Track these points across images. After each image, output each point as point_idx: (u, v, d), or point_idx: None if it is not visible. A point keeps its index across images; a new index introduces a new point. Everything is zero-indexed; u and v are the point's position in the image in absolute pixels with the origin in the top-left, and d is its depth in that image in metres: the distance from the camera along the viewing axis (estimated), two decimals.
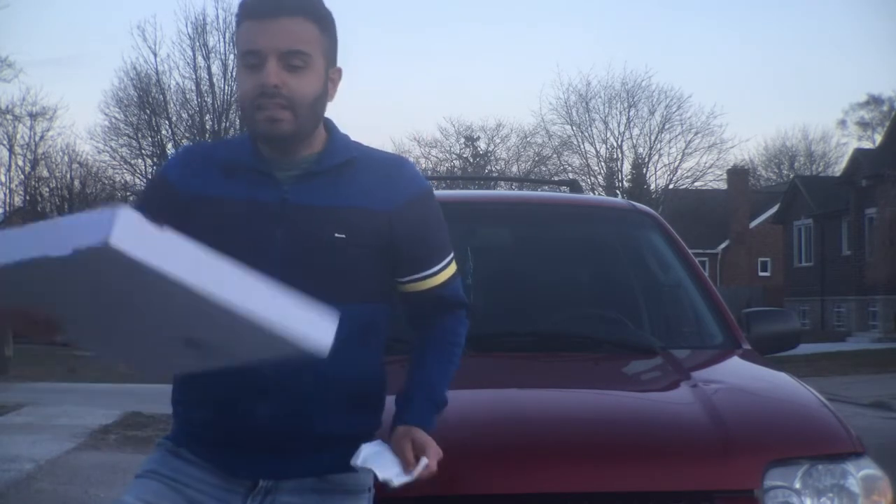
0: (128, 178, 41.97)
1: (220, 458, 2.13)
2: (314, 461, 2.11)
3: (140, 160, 41.05)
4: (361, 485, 2.16)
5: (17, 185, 41.16)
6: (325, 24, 2.10)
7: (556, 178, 38.12)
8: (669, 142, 45.59)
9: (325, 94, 2.11)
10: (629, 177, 45.11)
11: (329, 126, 2.20)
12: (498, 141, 47.56)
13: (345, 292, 2.06)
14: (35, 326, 1.76)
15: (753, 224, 44.49)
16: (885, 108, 49.68)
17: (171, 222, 2.14)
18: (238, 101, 2.13)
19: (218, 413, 2.11)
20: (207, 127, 37.31)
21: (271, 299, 1.70)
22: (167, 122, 38.84)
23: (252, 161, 2.13)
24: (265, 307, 1.68)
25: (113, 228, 1.51)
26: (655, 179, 45.80)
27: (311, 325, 1.75)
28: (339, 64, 2.19)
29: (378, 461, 2.05)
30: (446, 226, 2.25)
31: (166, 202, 2.14)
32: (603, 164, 45.56)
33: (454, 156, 47.43)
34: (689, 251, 3.85)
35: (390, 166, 2.17)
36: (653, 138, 44.93)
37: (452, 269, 2.25)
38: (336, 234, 2.07)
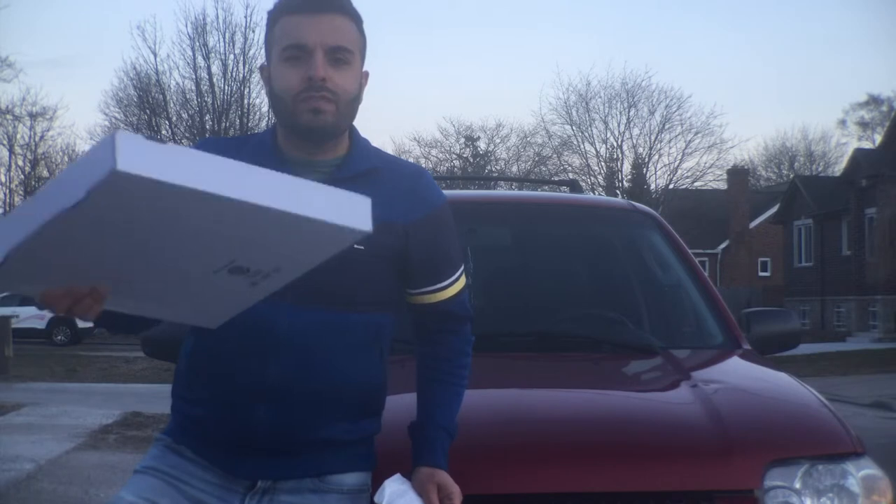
0: None
1: (219, 457, 2.13)
2: (313, 463, 2.12)
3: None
4: (360, 486, 2.17)
5: (17, 185, 41.17)
6: (361, 25, 2.15)
7: (556, 178, 38.13)
8: (669, 142, 45.67)
9: (360, 94, 2.15)
10: (629, 177, 45.12)
11: (351, 130, 2.21)
12: (498, 141, 47.62)
13: (358, 301, 2.10)
14: (81, 303, 1.68)
15: (753, 224, 44.51)
16: (884, 108, 49.72)
17: None
18: (277, 94, 2.10)
19: (218, 413, 2.11)
20: (207, 127, 37.29)
21: (303, 192, 1.61)
22: (167, 122, 38.83)
23: (274, 162, 2.09)
24: (299, 202, 1.59)
25: (117, 154, 1.42)
26: (655, 179, 45.83)
27: (349, 209, 1.67)
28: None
29: (402, 502, 2.08)
30: (458, 242, 2.26)
31: None
32: (603, 164, 45.59)
33: (454, 156, 47.46)
34: (689, 251, 3.85)
35: (411, 178, 2.18)
36: (653, 138, 44.97)
37: (462, 282, 2.25)
38: (355, 246, 2.01)
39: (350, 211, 1.67)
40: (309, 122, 2.07)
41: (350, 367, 2.10)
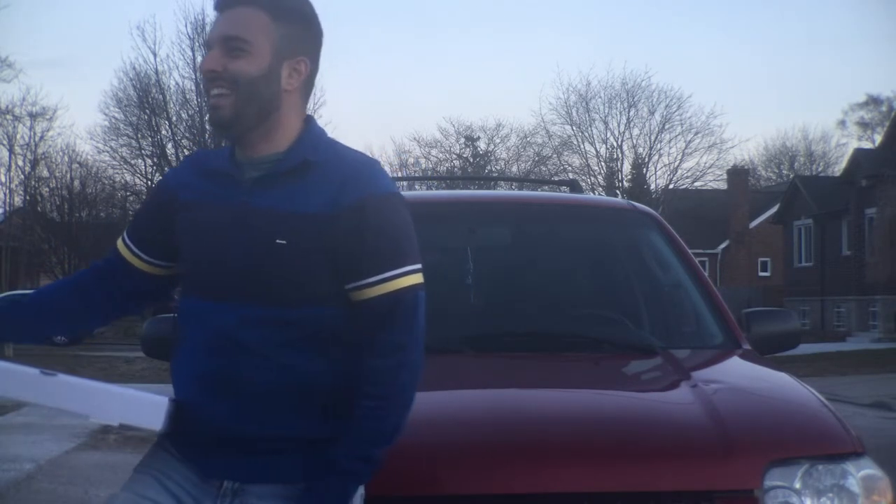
0: (128, 178, 41.99)
1: (191, 455, 2.16)
2: (276, 466, 2.10)
3: (140, 160, 41.06)
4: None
5: (17, 185, 41.18)
6: (282, 13, 2.14)
7: (556, 178, 38.12)
8: (669, 142, 45.61)
9: (270, 80, 2.12)
10: (629, 177, 45.10)
11: (306, 124, 2.21)
12: (498, 141, 47.59)
13: (292, 297, 2.08)
14: None
15: (753, 224, 44.49)
16: (884, 108, 49.72)
17: (161, 224, 2.24)
18: None
19: (185, 410, 2.14)
20: (207, 127, 37.27)
21: (98, 398, 2.09)
22: (167, 122, 38.84)
23: (226, 164, 2.18)
24: (93, 406, 2.08)
25: None
26: (655, 179, 45.82)
27: (142, 412, 2.09)
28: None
29: None
30: (408, 237, 2.13)
31: (162, 208, 2.26)
32: (603, 164, 45.58)
33: (454, 156, 47.45)
34: (689, 251, 3.85)
35: (350, 169, 2.12)
36: (653, 138, 44.95)
37: (399, 284, 2.09)
38: (277, 241, 2.07)
39: (143, 413, 2.08)
40: (211, 119, 2.15)
41: (289, 362, 2.08)
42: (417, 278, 2.12)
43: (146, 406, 2.10)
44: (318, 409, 2.11)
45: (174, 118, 38.89)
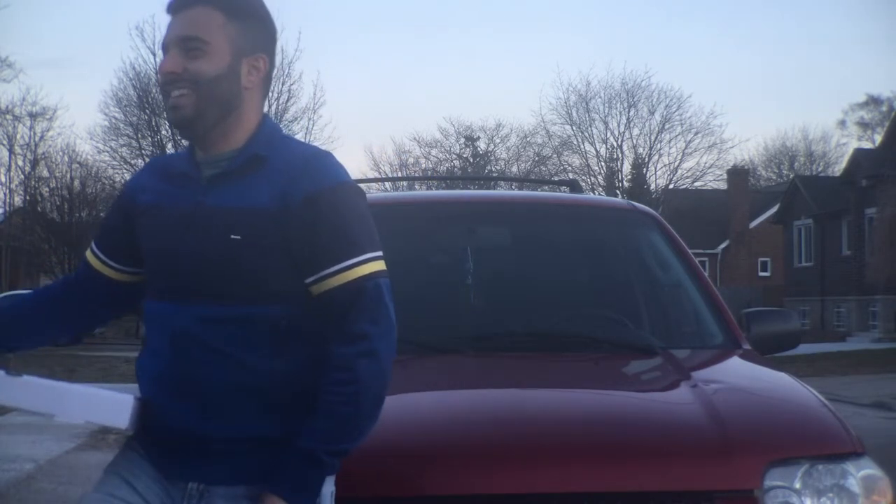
0: (128, 178, 41.90)
1: (155, 455, 2.16)
2: (240, 467, 2.08)
3: (140, 160, 40.98)
4: None
5: (17, 185, 41.16)
6: (235, 11, 2.14)
7: (556, 178, 38.10)
8: (669, 142, 45.60)
9: (230, 78, 2.13)
10: (629, 177, 45.10)
11: (262, 122, 2.20)
12: (498, 141, 47.59)
13: (249, 294, 2.07)
14: None
15: (753, 224, 44.48)
16: (884, 108, 49.69)
17: (126, 230, 2.25)
18: None
19: (148, 410, 2.14)
20: None
21: (64, 398, 2.14)
22: (167, 122, 38.80)
23: (184, 165, 2.19)
24: (59, 406, 2.14)
25: None
26: (655, 179, 45.82)
27: (107, 410, 2.13)
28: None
29: None
30: (363, 225, 2.11)
31: (124, 214, 2.28)
32: (603, 164, 45.57)
33: (454, 156, 47.45)
34: (689, 251, 3.85)
35: (301, 161, 2.11)
36: (653, 138, 44.95)
37: (358, 273, 2.07)
38: (232, 236, 2.07)
39: (108, 411, 2.13)
40: (171, 119, 2.15)
41: (250, 361, 2.06)
42: (378, 265, 2.10)
43: (110, 404, 2.12)
44: (281, 408, 2.08)
45: None
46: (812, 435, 2.54)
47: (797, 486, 2.39)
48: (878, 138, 38.89)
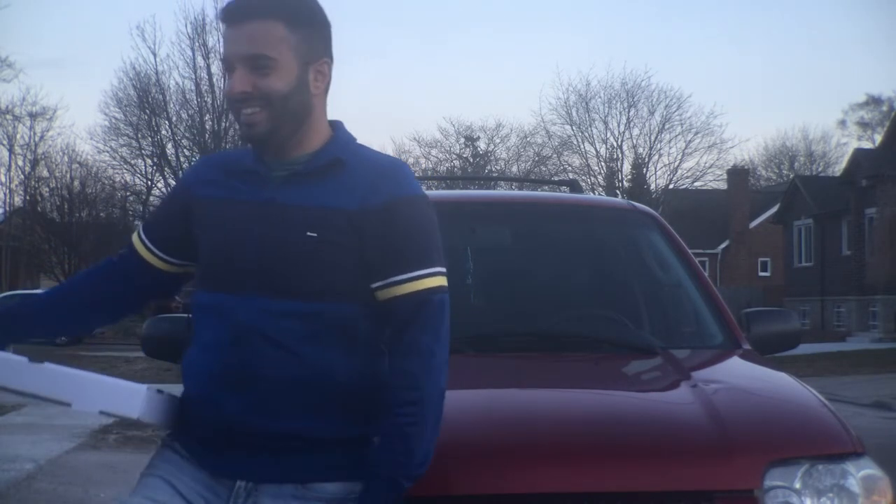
0: (128, 178, 41.95)
1: (202, 454, 2.14)
2: (291, 466, 2.08)
3: (140, 160, 41.04)
4: (344, 494, 2.11)
5: (17, 185, 41.18)
6: (296, 19, 2.12)
7: (556, 178, 38.10)
8: (669, 142, 45.63)
9: (301, 90, 2.13)
10: (629, 177, 45.11)
11: (335, 127, 2.22)
12: (498, 141, 47.62)
13: (315, 291, 2.08)
14: None
15: (753, 224, 44.50)
16: (884, 108, 49.75)
17: (182, 223, 2.24)
18: None
19: (197, 407, 2.14)
20: (207, 127, 37.31)
21: (77, 384, 2.14)
22: (167, 122, 38.85)
23: (251, 163, 2.19)
24: (72, 393, 2.13)
25: None
26: (655, 179, 45.83)
27: (120, 399, 2.13)
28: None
29: None
30: (434, 239, 2.18)
31: (181, 206, 2.27)
32: (603, 164, 45.59)
33: (454, 156, 47.46)
34: (689, 251, 3.85)
35: (379, 169, 2.15)
36: (653, 138, 44.97)
37: (425, 284, 2.12)
38: (308, 234, 2.08)
39: (121, 400, 2.12)
40: (246, 135, 2.14)
41: (310, 356, 2.07)
42: (443, 280, 2.16)
43: (124, 393, 2.13)
44: (336, 407, 2.09)
45: (174, 118, 38.90)
46: (812, 435, 2.54)
47: (797, 486, 2.39)
48: (878, 138, 38.90)
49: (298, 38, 2.12)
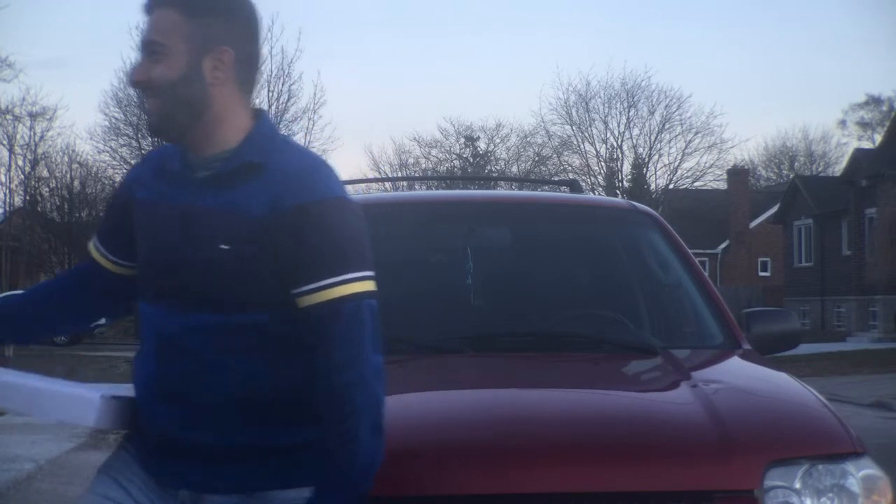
0: None
1: (146, 460, 2.13)
2: (234, 476, 2.05)
3: (140, 160, 40.93)
4: (293, 500, 2.05)
5: (17, 185, 41.17)
6: (192, 7, 2.06)
7: (556, 178, 38.09)
8: (669, 142, 45.61)
9: (193, 78, 2.05)
10: (629, 177, 45.11)
11: (257, 120, 2.14)
12: (498, 141, 47.62)
13: (235, 303, 2.03)
14: None
15: (753, 224, 44.50)
16: (884, 108, 49.75)
17: (126, 224, 2.21)
18: None
19: (140, 414, 2.12)
20: None
21: (34, 396, 2.14)
22: None
23: (178, 163, 2.14)
24: (28, 404, 2.15)
25: None
26: (655, 179, 45.83)
27: (74, 409, 2.11)
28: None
29: None
30: (352, 244, 2.04)
31: (122, 206, 2.24)
32: (603, 164, 45.58)
33: (454, 156, 47.46)
34: (689, 251, 3.85)
35: (294, 171, 2.05)
36: (653, 138, 44.96)
37: (337, 293, 2.00)
38: (221, 245, 2.02)
39: (76, 410, 2.10)
40: (147, 125, 2.16)
41: (237, 369, 2.03)
42: (362, 286, 2.02)
43: (77, 403, 2.11)
44: (269, 416, 2.05)
45: None
46: (812, 435, 2.54)
47: (797, 486, 2.39)
48: (878, 138, 38.92)
49: (194, 26, 2.05)
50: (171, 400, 2.06)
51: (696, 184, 46.50)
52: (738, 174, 44.51)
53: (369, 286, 2.04)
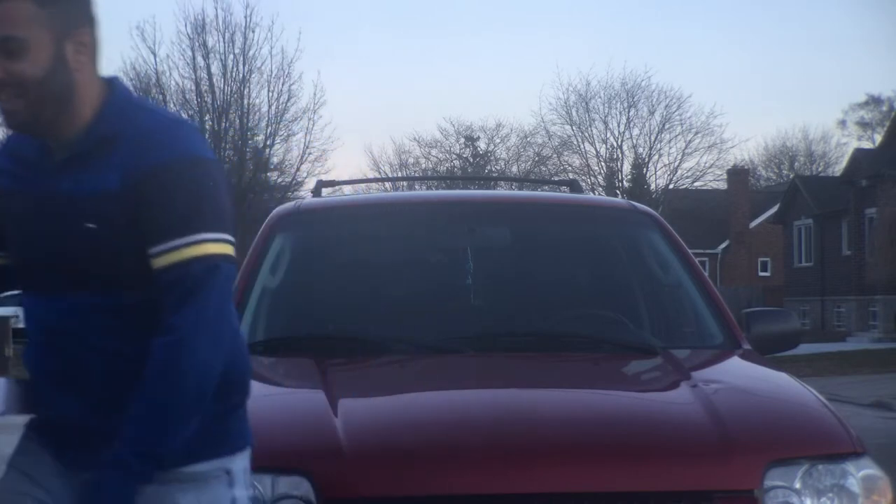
0: None
1: (47, 444, 2.10)
2: None
3: None
4: (202, 474, 2.01)
5: None
6: None
7: (556, 178, 38.10)
8: (669, 142, 45.57)
9: (60, 70, 1.96)
10: (629, 177, 45.09)
11: (109, 93, 2.05)
12: (498, 141, 47.61)
13: (109, 282, 1.97)
14: None
15: (753, 224, 44.49)
16: (884, 108, 49.77)
17: None
18: None
19: (41, 401, 2.09)
20: (207, 127, 37.30)
21: None
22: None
23: (35, 148, 2.05)
24: None
25: None
26: (655, 179, 45.81)
27: None
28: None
29: None
30: (209, 203, 1.94)
31: None
32: (603, 164, 45.57)
33: (454, 156, 47.46)
34: (689, 251, 3.85)
35: (147, 135, 1.96)
36: (653, 138, 44.94)
37: (185, 255, 1.90)
38: (86, 225, 1.95)
39: None
40: (8, 125, 2.00)
41: (119, 349, 1.97)
42: (217, 248, 1.92)
43: None
44: None
45: None
46: (812, 435, 2.54)
47: (797, 486, 2.39)
48: (878, 138, 38.93)
49: (50, 12, 1.94)
50: (67, 388, 2.02)
51: (696, 184, 46.52)
52: (738, 174, 44.49)
53: (225, 248, 1.94)
